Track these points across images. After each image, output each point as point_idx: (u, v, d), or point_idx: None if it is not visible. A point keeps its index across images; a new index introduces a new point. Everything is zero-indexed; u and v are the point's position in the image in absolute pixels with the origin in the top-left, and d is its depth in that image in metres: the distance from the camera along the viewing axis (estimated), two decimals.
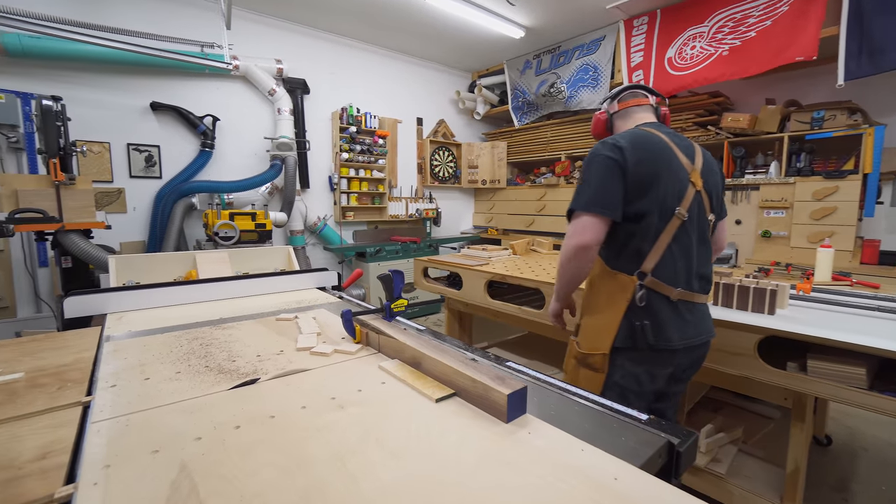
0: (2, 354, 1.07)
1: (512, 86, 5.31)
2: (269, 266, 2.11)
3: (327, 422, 0.71)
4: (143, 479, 0.56)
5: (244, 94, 4.08)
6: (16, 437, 0.70)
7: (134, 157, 3.49)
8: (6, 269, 3.00)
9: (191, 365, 0.95)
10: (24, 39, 2.90)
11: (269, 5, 3.92)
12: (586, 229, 1.17)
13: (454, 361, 0.84)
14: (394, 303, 1.20)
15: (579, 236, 1.18)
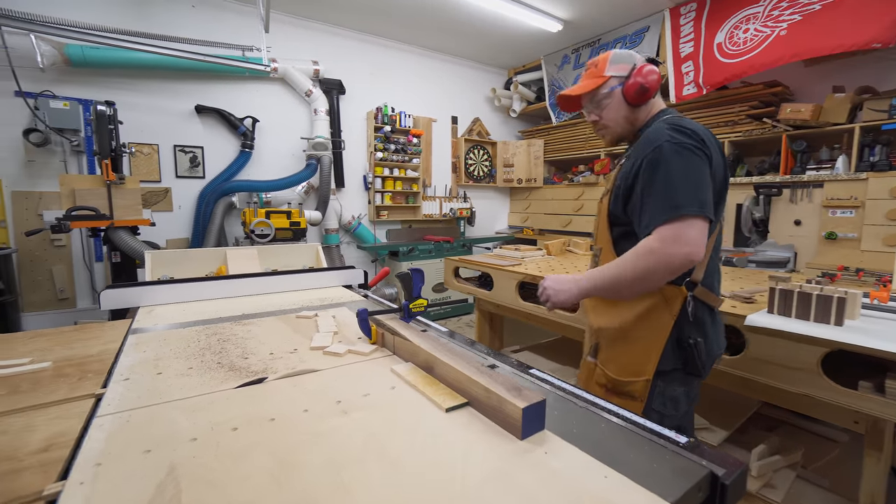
0: (38, 343, 1.11)
1: (549, 81, 5.16)
2: (298, 263, 2.13)
3: (328, 427, 0.67)
4: (130, 480, 0.54)
5: (282, 96, 4.19)
6: (28, 427, 0.71)
7: (180, 158, 3.66)
8: (67, 263, 3.22)
9: (204, 361, 0.94)
10: (86, 50, 3.11)
11: (306, 8, 4.00)
12: (701, 238, 0.97)
13: (468, 368, 0.78)
14: (412, 303, 1.15)
15: (696, 246, 0.96)
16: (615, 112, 1.19)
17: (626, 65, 1.16)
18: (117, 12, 3.30)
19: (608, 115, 1.20)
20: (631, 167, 1.08)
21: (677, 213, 0.96)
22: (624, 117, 1.19)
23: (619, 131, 1.22)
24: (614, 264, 1.05)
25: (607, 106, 1.19)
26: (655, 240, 0.98)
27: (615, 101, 1.18)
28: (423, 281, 1.20)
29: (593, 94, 1.20)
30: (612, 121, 1.20)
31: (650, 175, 1.02)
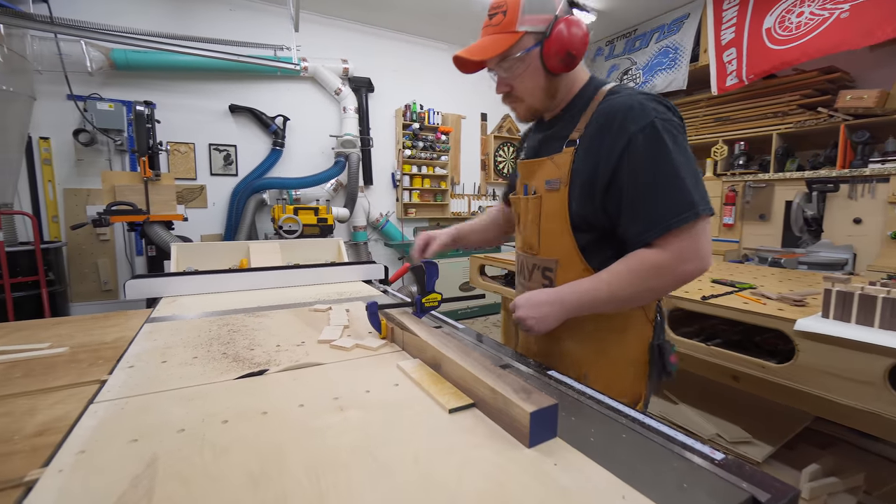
0: (61, 329, 1.14)
1: None
2: (320, 258, 2.12)
3: (320, 425, 0.62)
4: (108, 471, 0.51)
5: (312, 94, 4.25)
6: (30, 410, 0.70)
7: (214, 157, 3.78)
8: (111, 256, 3.39)
9: (210, 351, 0.93)
10: (129, 54, 3.26)
11: (336, 7, 4.04)
12: (710, 243, 0.83)
13: (475, 366, 0.71)
14: (425, 297, 1.10)
15: (709, 257, 0.82)
16: (532, 81, 0.90)
17: (544, 16, 0.85)
18: (159, 17, 3.45)
19: (522, 86, 0.92)
20: (601, 149, 0.84)
21: (693, 214, 0.78)
22: (542, 88, 0.91)
23: (537, 105, 0.95)
24: (605, 282, 0.84)
25: (521, 73, 0.90)
26: (668, 256, 0.80)
27: (531, 67, 0.89)
28: (437, 275, 1.15)
29: (502, 56, 0.88)
30: (527, 92, 0.92)
31: (648, 162, 0.79)
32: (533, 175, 0.99)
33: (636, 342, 0.97)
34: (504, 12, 0.86)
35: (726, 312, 1.58)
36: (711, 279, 2.05)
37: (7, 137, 2.79)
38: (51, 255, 2.79)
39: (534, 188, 0.98)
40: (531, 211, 0.99)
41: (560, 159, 0.92)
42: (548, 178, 0.94)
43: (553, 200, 0.93)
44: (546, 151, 0.96)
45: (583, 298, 0.86)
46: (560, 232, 0.93)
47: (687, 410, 1.99)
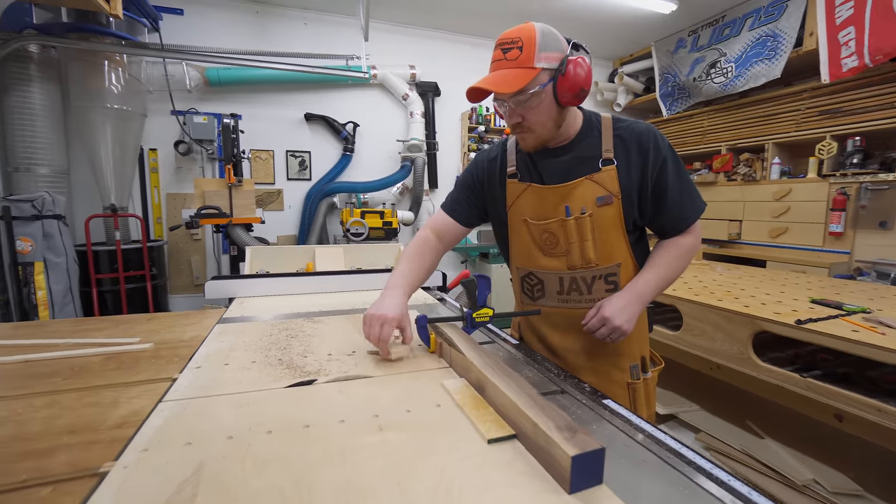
0: (151, 325, 1.27)
1: (661, 70, 4.63)
2: (381, 262, 2.18)
3: (357, 444, 0.62)
4: (162, 472, 0.55)
5: (380, 100, 4.40)
6: (115, 402, 0.78)
7: (290, 162, 4.06)
8: (202, 254, 3.78)
9: (268, 356, 0.98)
10: (220, 71, 3.61)
11: (403, 15, 4.14)
12: None
13: (519, 394, 0.67)
14: (476, 311, 1.07)
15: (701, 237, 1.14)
16: (544, 114, 0.97)
17: (558, 53, 0.93)
18: (244, 35, 3.78)
19: (534, 118, 0.98)
20: (644, 165, 1.02)
21: (703, 207, 1.08)
22: (553, 120, 0.99)
23: (546, 136, 1.02)
24: (663, 267, 1.07)
25: (535, 107, 0.96)
26: (693, 236, 1.09)
27: (545, 101, 0.96)
28: (489, 288, 1.14)
29: (521, 90, 0.93)
30: (538, 124, 0.99)
31: (676, 174, 1.03)
32: (570, 197, 1.05)
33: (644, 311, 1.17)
34: (520, 48, 0.92)
35: (828, 341, 1.36)
36: (811, 298, 1.79)
37: (126, 151, 3.23)
38: (154, 253, 3.18)
39: (581, 207, 1.04)
40: (584, 228, 1.05)
41: (602, 177, 1.03)
42: (599, 195, 1.03)
43: (607, 213, 1.04)
44: (580, 173, 1.04)
45: (658, 286, 1.06)
46: (617, 239, 1.06)
47: (776, 448, 1.75)
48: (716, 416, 2.03)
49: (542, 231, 1.09)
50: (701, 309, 1.75)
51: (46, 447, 0.64)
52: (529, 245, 1.12)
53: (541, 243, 1.11)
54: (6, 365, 0.97)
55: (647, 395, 1.16)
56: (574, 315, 1.11)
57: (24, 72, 2.93)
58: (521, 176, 1.11)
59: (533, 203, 1.09)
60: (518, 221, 1.13)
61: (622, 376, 1.14)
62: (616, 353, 1.14)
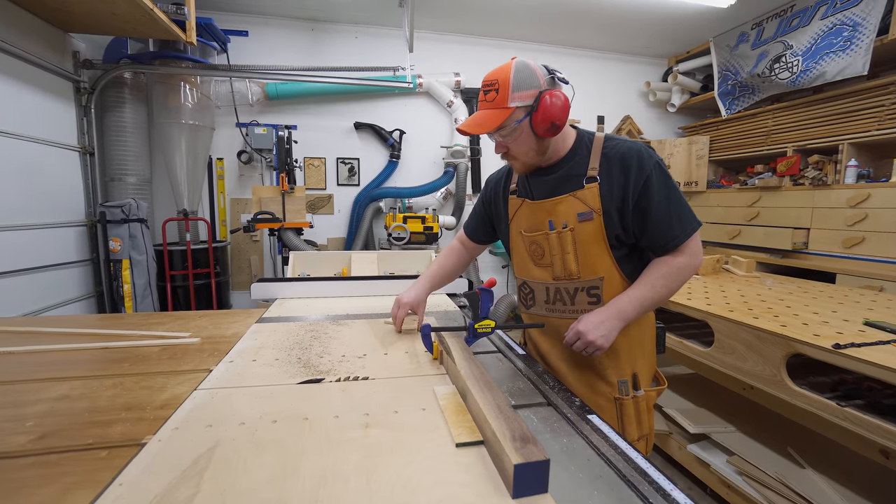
0: (202, 321, 1.47)
1: (720, 67, 4.36)
2: (412, 268, 2.29)
3: (343, 438, 0.72)
4: (185, 447, 0.68)
5: (426, 108, 4.54)
6: (162, 387, 0.95)
7: (340, 169, 4.32)
8: (259, 254, 4.14)
9: (290, 354, 1.11)
10: (278, 86, 3.93)
11: (447, 23, 4.25)
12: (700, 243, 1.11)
13: (489, 404, 0.73)
14: (478, 323, 1.14)
15: (702, 256, 1.11)
16: (525, 145, 1.09)
17: (531, 91, 1.03)
18: (300, 50, 4.09)
19: (517, 149, 1.10)
20: (626, 183, 1.05)
21: (695, 226, 1.07)
22: (534, 149, 1.10)
23: (531, 162, 1.14)
24: (649, 286, 1.07)
25: (515, 139, 1.08)
26: (686, 256, 1.07)
27: (524, 134, 1.07)
28: (492, 301, 1.18)
29: (497, 128, 1.07)
30: (521, 153, 1.11)
31: (663, 192, 1.04)
32: (554, 212, 1.13)
33: (650, 331, 1.23)
34: (496, 90, 1.04)
35: (867, 369, 1.27)
36: (866, 320, 1.65)
37: (197, 161, 3.62)
38: (218, 253, 3.54)
39: (563, 222, 1.12)
40: (565, 242, 1.12)
41: (585, 194, 1.09)
42: (580, 211, 1.10)
43: (588, 228, 1.09)
44: (565, 190, 1.12)
45: (642, 304, 1.07)
46: (599, 254, 1.10)
47: (817, 479, 1.64)
48: (753, 439, 1.92)
49: (531, 242, 1.20)
50: (732, 326, 1.67)
51: (108, 419, 0.81)
52: (524, 256, 1.23)
53: (531, 254, 1.21)
54: (90, 350, 1.19)
55: (637, 413, 1.16)
56: (560, 325, 1.19)
57: (120, 95, 3.39)
58: (520, 192, 1.23)
59: (526, 217, 1.20)
60: (516, 233, 1.25)
61: (609, 390, 1.17)
62: (602, 366, 1.17)
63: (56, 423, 0.79)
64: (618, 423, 1.16)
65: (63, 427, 0.77)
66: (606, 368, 1.17)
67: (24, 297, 2.64)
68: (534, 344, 1.32)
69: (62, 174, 3.04)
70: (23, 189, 2.66)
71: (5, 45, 2.54)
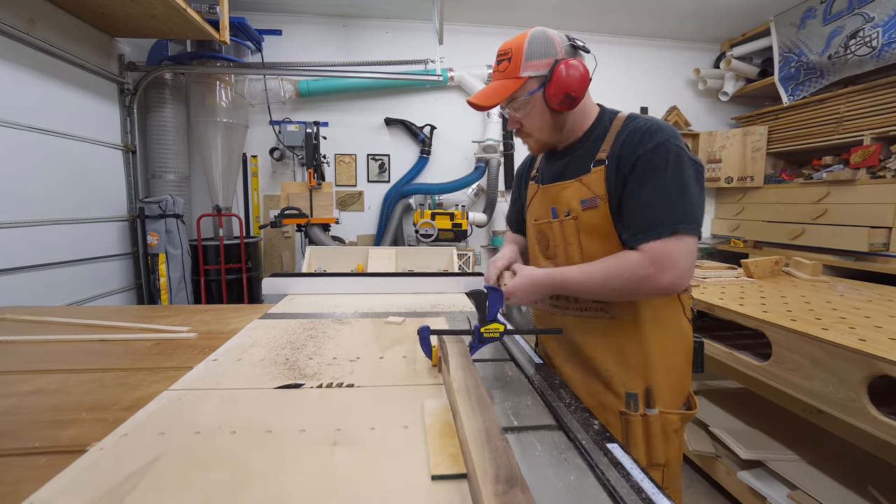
0: (206, 315, 1.43)
1: (782, 49, 3.93)
2: (432, 266, 2.18)
3: (304, 456, 0.61)
4: (124, 458, 0.60)
5: (457, 102, 4.41)
6: (138, 385, 0.88)
7: (371, 165, 4.28)
8: (291, 249, 4.18)
9: (278, 355, 1.03)
10: (309, 83, 3.94)
11: (479, 14, 4.11)
12: (692, 260, 0.88)
13: (476, 430, 0.60)
14: (485, 327, 1.00)
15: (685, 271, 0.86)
16: (539, 119, 0.98)
17: (546, 60, 0.93)
18: (332, 46, 4.09)
19: (531, 124, 1.00)
20: (627, 165, 0.90)
21: (669, 230, 0.84)
22: (549, 125, 0.99)
23: (546, 140, 1.03)
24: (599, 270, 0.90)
25: (528, 113, 0.98)
26: (647, 262, 0.85)
27: (537, 107, 0.97)
28: (501, 303, 1.03)
29: (508, 100, 0.96)
30: (535, 129, 1.00)
31: (646, 177, 0.87)
32: (558, 198, 1.03)
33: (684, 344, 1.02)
34: (509, 59, 0.94)
35: None
36: None
37: (231, 158, 3.70)
38: (250, 248, 3.59)
39: (567, 210, 1.01)
40: (567, 231, 1.01)
41: (591, 178, 0.96)
42: (583, 198, 0.97)
43: (593, 217, 0.96)
44: (571, 174, 1.00)
45: (570, 270, 0.94)
46: (607, 246, 0.96)
47: None
48: (822, 471, 1.65)
49: (538, 231, 1.11)
50: (795, 338, 1.42)
51: (69, 419, 0.75)
52: (534, 246, 1.14)
53: (539, 244, 1.12)
54: (86, 343, 1.16)
55: (648, 437, 0.97)
56: (566, 322, 1.08)
57: (161, 96, 3.52)
58: (538, 178, 1.14)
59: (536, 204, 1.11)
60: (531, 223, 1.15)
61: (614, 402, 1.01)
62: (607, 372, 1.02)
63: (13, 421, 0.73)
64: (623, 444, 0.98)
65: (18, 426, 0.72)
66: (612, 376, 1.01)
67: (71, 287, 2.77)
68: (542, 345, 1.22)
69: (107, 171, 3.18)
70: (71, 185, 2.80)
71: (56, 50, 2.67)
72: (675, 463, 1.01)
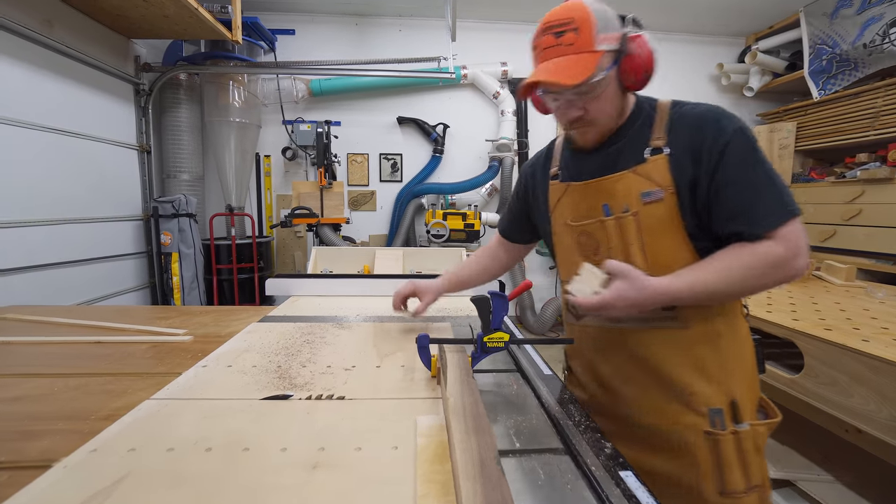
0: (205, 318, 1.39)
1: (812, 41, 3.73)
2: (440, 268, 2.11)
3: (278, 483, 0.56)
4: (89, 478, 0.56)
5: (471, 100, 4.34)
6: (121, 392, 0.84)
7: (383, 165, 4.25)
8: (303, 249, 4.17)
9: (270, 361, 0.98)
10: (322, 82, 3.93)
11: (492, 11, 4.03)
12: (807, 241, 0.78)
13: (468, 456, 0.54)
14: (488, 335, 0.93)
15: (808, 256, 0.78)
16: (609, 103, 0.86)
17: (615, 33, 0.82)
18: (345, 45, 4.07)
19: (599, 108, 0.85)
20: (701, 152, 0.81)
21: (794, 211, 0.77)
22: (616, 108, 0.88)
23: (609, 126, 0.90)
24: (733, 267, 0.77)
25: (599, 96, 0.84)
26: (782, 249, 0.76)
27: (610, 88, 0.84)
28: (505, 310, 0.96)
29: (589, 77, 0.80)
30: (602, 114, 0.86)
31: (749, 161, 0.79)
32: (612, 193, 0.89)
33: (746, 343, 0.93)
34: (575, 30, 0.80)
35: None
36: None
37: (244, 158, 3.71)
38: (262, 248, 3.60)
39: (623, 205, 0.88)
40: (626, 230, 0.88)
41: (649, 168, 0.85)
42: (644, 190, 0.85)
43: (657, 212, 0.85)
44: (621, 165, 0.89)
45: (684, 281, 0.78)
46: (674, 244, 0.85)
47: None
48: (859, 494, 1.52)
49: (580, 233, 0.96)
50: (831, 349, 1.31)
51: (40, 430, 0.71)
52: (571, 252, 0.99)
53: (582, 248, 0.97)
54: (81, 345, 1.14)
55: (741, 455, 0.85)
56: (623, 336, 0.94)
57: (176, 96, 3.55)
58: (563, 176, 1.00)
59: (573, 203, 0.97)
60: (560, 226, 1.01)
61: (697, 421, 0.86)
62: (686, 388, 0.87)
63: None
64: (713, 468, 0.85)
65: None
66: (693, 392, 0.87)
67: (86, 285, 2.80)
68: (585, 364, 1.05)
69: (122, 171, 3.21)
70: (87, 185, 2.83)
71: (73, 52, 2.70)
72: (766, 483, 0.90)
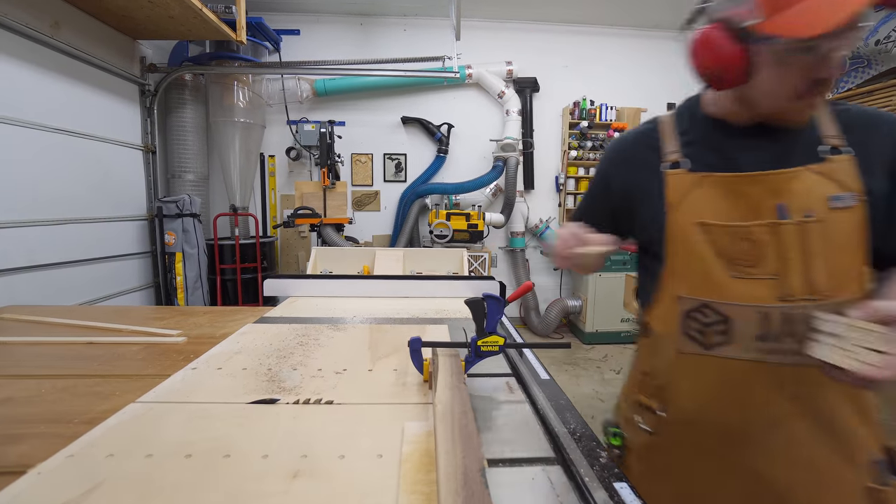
0: (202, 318, 1.38)
1: None
2: (442, 268, 2.09)
3: (256, 492, 0.54)
4: (60, 486, 0.54)
5: (475, 100, 4.33)
6: (108, 395, 0.83)
7: (387, 165, 4.24)
8: (307, 249, 4.18)
9: (262, 364, 0.96)
10: (326, 82, 3.93)
11: (498, 10, 4.00)
12: None
13: (452, 468, 0.51)
14: (482, 339, 0.91)
15: None
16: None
17: None
18: (350, 45, 4.08)
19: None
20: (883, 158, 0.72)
21: None
22: None
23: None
24: None
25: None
26: None
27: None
28: (501, 312, 0.93)
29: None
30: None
31: None
32: (788, 192, 0.74)
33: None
34: None
35: None
36: None
37: (249, 158, 3.72)
38: (266, 248, 3.61)
39: (806, 209, 0.73)
40: (811, 239, 0.73)
41: (835, 169, 0.73)
42: (832, 194, 0.73)
43: (845, 223, 0.72)
44: (794, 161, 0.75)
45: None
46: (855, 263, 0.73)
47: None
48: None
49: (739, 239, 0.76)
50: None
51: (22, 433, 0.69)
52: (709, 261, 0.78)
53: (733, 258, 0.76)
54: (73, 346, 1.13)
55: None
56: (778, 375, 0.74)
57: (181, 97, 3.57)
58: (695, 163, 0.82)
59: (717, 199, 0.78)
60: (688, 227, 0.80)
61: (854, 475, 0.73)
62: (847, 432, 0.73)
63: None
64: None
65: None
66: (848, 440, 0.73)
67: (89, 285, 2.82)
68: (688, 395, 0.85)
69: (127, 172, 3.24)
70: (93, 185, 2.86)
71: (79, 53, 2.73)
72: None
